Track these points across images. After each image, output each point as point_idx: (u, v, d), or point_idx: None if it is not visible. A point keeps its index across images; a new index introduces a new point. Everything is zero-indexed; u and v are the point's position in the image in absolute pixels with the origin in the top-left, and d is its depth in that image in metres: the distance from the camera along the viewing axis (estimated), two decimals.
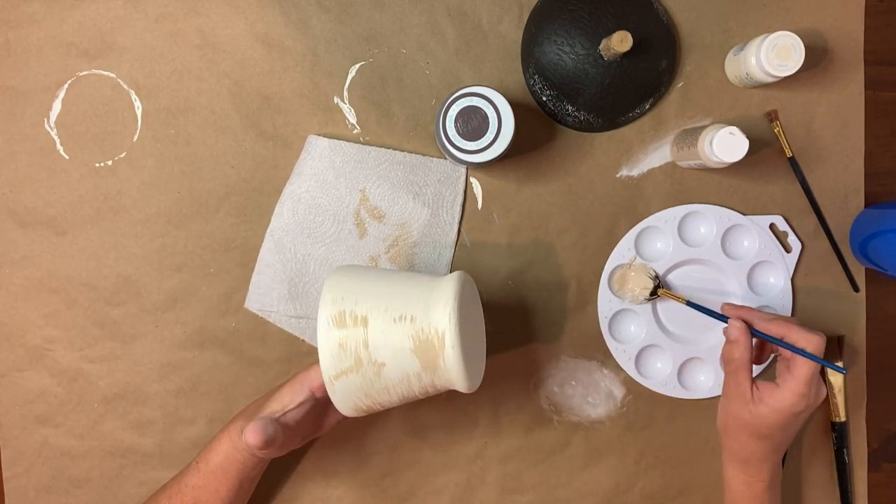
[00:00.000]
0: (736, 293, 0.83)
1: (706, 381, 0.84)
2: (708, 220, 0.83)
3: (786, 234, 0.84)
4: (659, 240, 0.83)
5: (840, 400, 0.84)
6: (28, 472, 0.82)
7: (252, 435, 0.68)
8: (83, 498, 0.83)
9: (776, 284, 0.84)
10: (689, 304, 0.78)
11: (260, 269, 0.82)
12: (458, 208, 0.82)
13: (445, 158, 0.81)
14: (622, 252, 0.83)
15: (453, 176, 0.82)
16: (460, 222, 0.83)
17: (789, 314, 0.84)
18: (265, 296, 0.82)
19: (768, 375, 0.85)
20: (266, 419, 0.70)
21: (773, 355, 0.82)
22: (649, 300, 0.81)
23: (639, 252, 0.83)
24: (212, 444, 0.75)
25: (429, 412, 0.84)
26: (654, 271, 0.81)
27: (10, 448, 0.82)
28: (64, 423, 0.82)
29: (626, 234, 0.83)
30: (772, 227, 0.83)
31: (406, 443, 0.84)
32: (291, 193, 0.81)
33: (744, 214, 0.83)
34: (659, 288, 0.80)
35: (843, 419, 0.84)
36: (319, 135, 0.81)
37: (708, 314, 0.76)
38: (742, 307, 0.75)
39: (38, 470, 0.82)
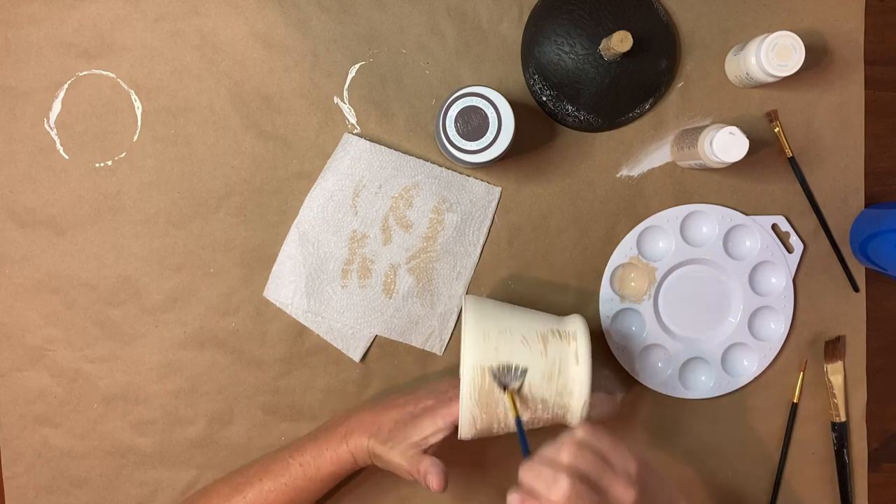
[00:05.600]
0: (737, 293, 0.83)
1: (707, 382, 0.84)
2: (710, 220, 0.83)
3: (788, 234, 0.84)
4: (661, 239, 0.83)
5: (840, 400, 0.84)
6: (28, 472, 0.82)
7: (437, 482, 0.69)
8: (83, 498, 0.83)
9: (778, 285, 0.84)
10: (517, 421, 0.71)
11: (281, 259, 0.82)
12: (485, 230, 0.82)
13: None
14: (624, 251, 0.82)
15: (486, 198, 0.82)
16: (484, 245, 0.83)
17: (791, 314, 0.84)
18: (282, 287, 0.82)
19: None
20: (435, 461, 0.70)
21: None
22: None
23: (641, 251, 0.83)
24: (325, 451, 0.75)
25: None
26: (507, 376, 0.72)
27: (10, 448, 0.82)
28: (64, 423, 0.82)
29: (629, 233, 0.82)
30: (774, 227, 0.83)
31: None
32: (324, 189, 0.81)
33: (745, 214, 0.83)
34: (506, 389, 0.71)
35: (843, 419, 0.84)
36: (358, 135, 0.81)
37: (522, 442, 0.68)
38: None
39: (38, 470, 0.82)
